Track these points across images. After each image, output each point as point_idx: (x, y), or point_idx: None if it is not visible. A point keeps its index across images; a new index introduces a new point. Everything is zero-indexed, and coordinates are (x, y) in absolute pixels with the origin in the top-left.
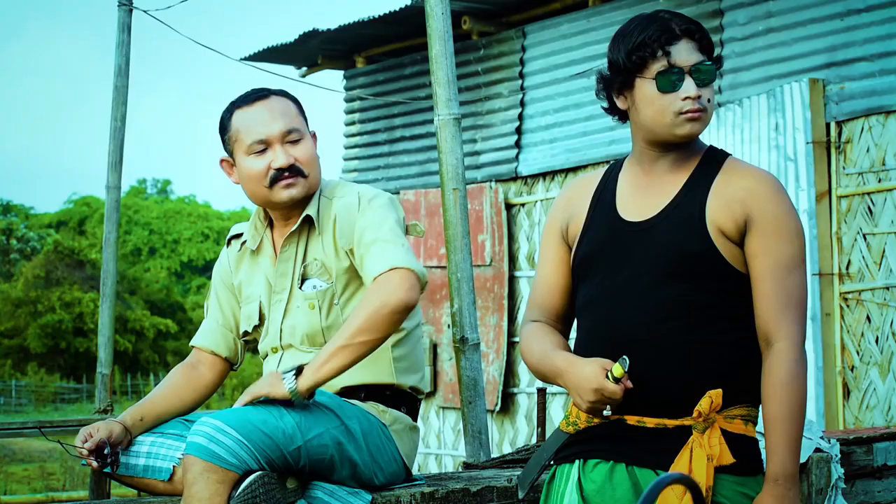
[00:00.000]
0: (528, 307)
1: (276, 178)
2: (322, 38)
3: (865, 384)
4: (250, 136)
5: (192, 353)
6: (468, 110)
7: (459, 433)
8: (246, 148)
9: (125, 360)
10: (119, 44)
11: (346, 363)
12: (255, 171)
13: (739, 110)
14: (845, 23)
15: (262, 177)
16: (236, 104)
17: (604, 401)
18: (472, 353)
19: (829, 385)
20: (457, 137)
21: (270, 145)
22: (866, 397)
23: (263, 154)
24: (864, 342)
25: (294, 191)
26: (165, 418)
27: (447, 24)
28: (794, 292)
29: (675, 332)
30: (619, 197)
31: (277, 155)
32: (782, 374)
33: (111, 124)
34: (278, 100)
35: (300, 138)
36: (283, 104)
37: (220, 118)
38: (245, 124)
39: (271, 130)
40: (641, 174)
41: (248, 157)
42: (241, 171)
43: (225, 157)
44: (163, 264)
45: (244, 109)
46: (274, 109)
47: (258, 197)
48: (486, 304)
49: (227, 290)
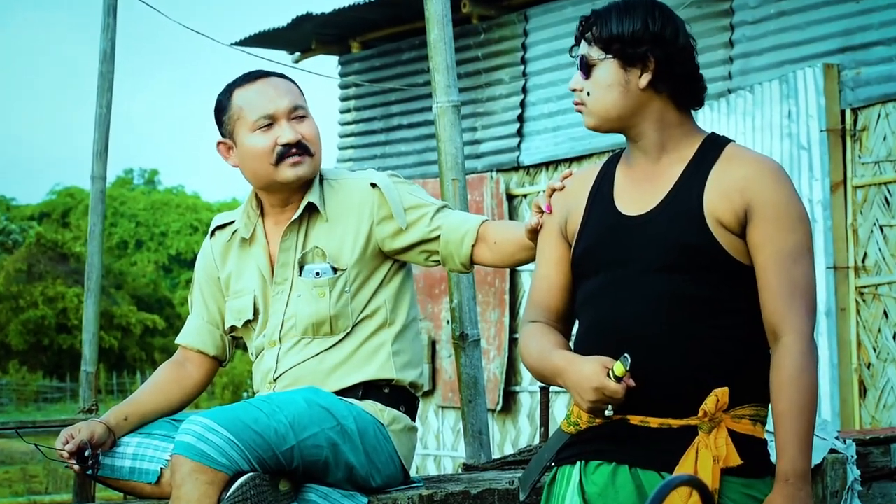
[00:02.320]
0: (528, 307)
1: (283, 155)
2: (316, 21)
3: (882, 382)
4: (256, 111)
5: (178, 350)
6: (468, 97)
7: (459, 433)
8: (251, 124)
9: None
10: (104, 28)
11: None
12: (261, 148)
13: (751, 97)
14: (861, 5)
15: (268, 153)
16: (235, 84)
17: (605, 400)
18: (473, 349)
19: (844, 383)
20: (456, 125)
21: (277, 120)
22: (883, 396)
23: (269, 130)
24: (880, 338)
25: (300, 169)
26: (151, 418)
27: (446, 8)
28: (801, 282)
29: (679, 328)
30: (617, 190)
31: (284, 131)
32: (791, 368)
33: (96, 112)
34: (279, 79)
35: (305, 116)
36: (286, 83)
37: (216, 101)
38: (249, 101)
39: (278, 106)
40: (638, 166)
41: (253, 134)
42: (242, 151)
43: (222, 140)
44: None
45: (246, 87)
46: (278, 86)
47: (261, 178)
48: (486, 298)
49: (211, 284)
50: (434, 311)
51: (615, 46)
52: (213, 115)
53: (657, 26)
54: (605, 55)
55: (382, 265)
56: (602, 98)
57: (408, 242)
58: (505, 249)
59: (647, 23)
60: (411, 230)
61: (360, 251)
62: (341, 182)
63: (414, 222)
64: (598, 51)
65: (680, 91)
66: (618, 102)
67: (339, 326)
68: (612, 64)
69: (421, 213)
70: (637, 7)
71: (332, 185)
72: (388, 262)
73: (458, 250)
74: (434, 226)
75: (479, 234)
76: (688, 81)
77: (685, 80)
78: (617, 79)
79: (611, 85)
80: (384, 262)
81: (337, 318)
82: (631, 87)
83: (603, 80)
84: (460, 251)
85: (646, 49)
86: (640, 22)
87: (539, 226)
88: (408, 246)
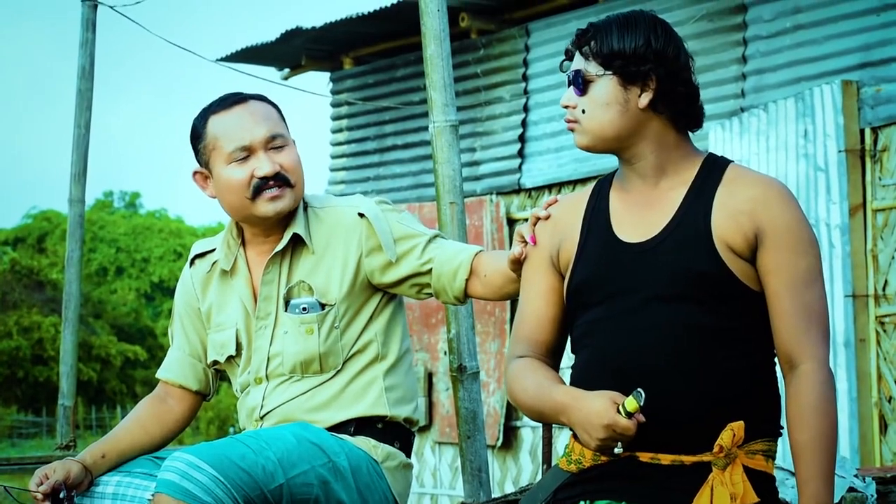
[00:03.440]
0: (514, 342)
1: (260, 189)
2: (306, 36)
3: None
4: (231, 142)
5: (159, 385)
6: (466, 116)
7: (457, 471)
8: (226, 156)
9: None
10: (83, 42)
11: None
12: (237, 182)
13: (765, 115)
14: (882, 18)
15: (244, 187)
16: (211, 110)
17: (615, 438)
18: (471, 382)
19: (864, 418)
20: (454, 146)
21: (253, 152)
22: None
23: (245, 162)
24: None
25: (280, 203)
26: (130, 455)
27: (444, 22)
28: (815, 307)
29: (690, 359)
30: (614, 216)
31: (261, 162)
32: (812, 398)
33: (74, 131)
34: (258, 104)
35: (284, 144)
36: (264, 108)
37: (191, 126)
38: (224, 130)
39: (254, 136)
40: (634, 190)
41: (229, 167)
42: (219, 183)
43: (198, 170)
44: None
45: (221, 115)
46: (255, 113)
47: (238, 211)
48: (486, 328)
49: (192, 315)
50: (431, 341)
51: (616, 63)
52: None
53: (660, 43)
54: (603, 71)
55: (372, 298)
56: (598, 116)
57: (398, 276)
58: (494, 282)
59: (649, 39)
60: (402, 263)
61: (348, 285)
62: (327, 211)
63: (404, 254)
64: (596, 66)
65: (680, 112)
66: (615, 122)
67: (329, 364)
68: (611, 81)
69: (412, 245)
70: (639, 22)
71: (318, 213)
72: (377, 294)
73: (451, 284)
74: (426, 258)
75: (473, 266)
76: (688, 102)
77: (686, 101)
78: (616, 97)
79: (608, 103)
80: (374, 294)
81: (327, 356)
82: (630, 107)
83: (600, 97)
84: (453, 285)
85: (648, 67)
86: (643, 38)
87: (523, 256)
88: (398, 279)
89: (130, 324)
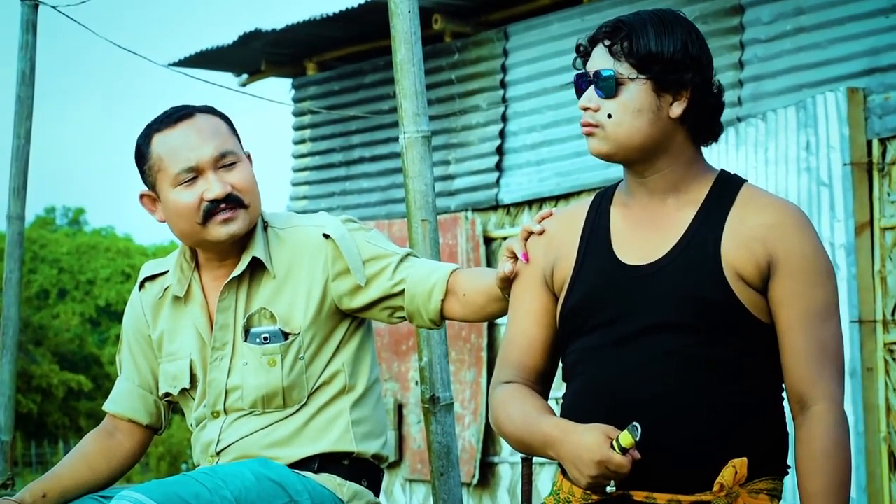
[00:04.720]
0: (500, 366)
1: (211, 212)
2: (266, 39)
3: None
4: (177, 163)
5: (106, 418)
6: (440, 126)
7: None
8: (172, 179)
9: (29, 425)
10: (23, 46)
11: None
12: (185, 206)
13: (763, 126)
14: (891, 20)
15: (193, 212)
16: (155, 127)
17: (608, 475)
18: (445, 415)
19: (871, 453)
20: (426, 159)
21: (202, 173)
22: None
23: (193, 184)
24: None
25: (233, 226)
26: (73, 494)
27: (415, 24)
28: (830, 344)
29: (690, 392)
30: (615, 235)
31: (211, 184)
32: (825, 442)
33: (13, 142)
34: (205, 118)
35: (235, 161)
36: (212, 123)
37: (136, 145)
38: (169, 150)
39: (201, 155)
40: (639, 206)
41: (175, 190)
42: (167, 207)
43: (145, 192)
44: (75, 309)
45: (166, 133)
46: (202, 130)
47: (189, 236)
48: (460, 356)
49: (142, 342)
50: (401, 370)
51: (655, 67)
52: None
53: (696, 49)
54: (637, 74)
55: (340, 325)
56: (628, 123)
57: (369, 300)
58: (474, 301)
59: (686, 44)
60: (372, 286)
61: (313, 312)
62: (289, 231)
63: (374, 276)
64: (628, 68)
65: (704, 125)
66: (643, 130)
67: (294, 398)
68: (645, 86)
69: (382, 265)
70: (676, 25)
71: (279, 234)
72: (346, 321)
73: (426, 305)
74: (397, 279)
75: (449, 285)
76: (713, 115)
77: (712, 113)
78: (649, 104)
79: (640, 110)
80: (342, 321)
81: (291, 390)
82: (662, 116)
83: (633, 102)
84: (428, 307)
85: (688, 76)
86: (681, 43)
87: (513, 274)
88: (369, 303)
89: (74, 351)
